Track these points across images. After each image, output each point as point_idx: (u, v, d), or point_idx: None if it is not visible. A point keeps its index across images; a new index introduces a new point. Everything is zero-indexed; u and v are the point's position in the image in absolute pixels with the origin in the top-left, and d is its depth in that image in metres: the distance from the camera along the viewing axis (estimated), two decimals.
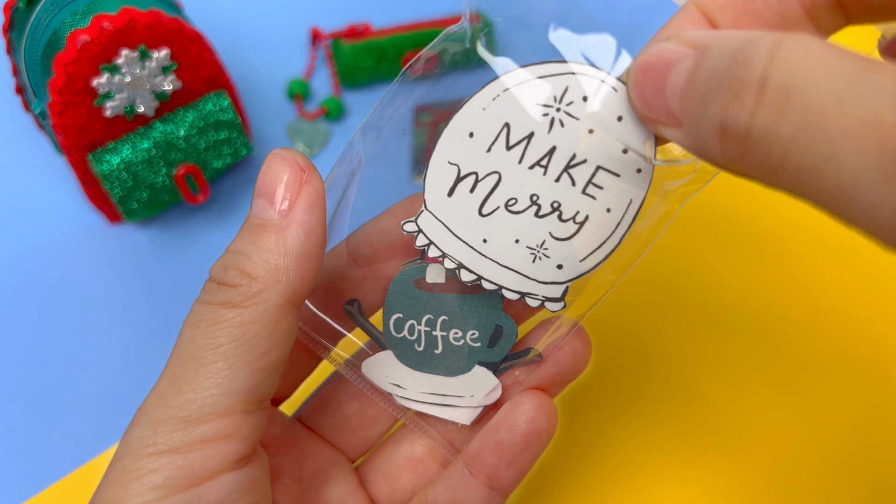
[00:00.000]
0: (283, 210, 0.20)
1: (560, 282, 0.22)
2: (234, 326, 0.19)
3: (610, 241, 0.21)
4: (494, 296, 0.23)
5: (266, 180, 0.20)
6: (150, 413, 0.19)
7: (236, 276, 0.20)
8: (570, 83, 0.20)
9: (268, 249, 0.20)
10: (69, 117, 0.33)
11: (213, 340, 0.19)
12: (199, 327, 0.19)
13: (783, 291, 0.38)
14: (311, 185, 0.20)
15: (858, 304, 0.38)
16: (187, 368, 0.19)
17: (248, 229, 0.20)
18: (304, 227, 0.20)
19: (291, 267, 0.19)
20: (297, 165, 0.20)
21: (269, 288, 0.19)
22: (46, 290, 0.37)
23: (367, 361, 0.24)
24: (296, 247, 0.20)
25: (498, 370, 0.24)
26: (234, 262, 0.20)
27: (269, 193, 0.20)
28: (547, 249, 0.21)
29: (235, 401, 0.19)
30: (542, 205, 0.21)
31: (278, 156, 0.21)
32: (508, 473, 0.23)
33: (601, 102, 0.20)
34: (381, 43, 0.42)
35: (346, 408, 0.26)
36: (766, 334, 0.37)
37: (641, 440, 0.35)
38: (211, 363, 0.19)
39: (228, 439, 0.19)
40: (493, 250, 0.22)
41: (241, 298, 0.19)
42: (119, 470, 0.18)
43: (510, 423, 0.23)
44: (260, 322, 0.19)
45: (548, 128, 0.20)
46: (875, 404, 0.36)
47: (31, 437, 0.34)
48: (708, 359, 0.37)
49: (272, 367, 0.20)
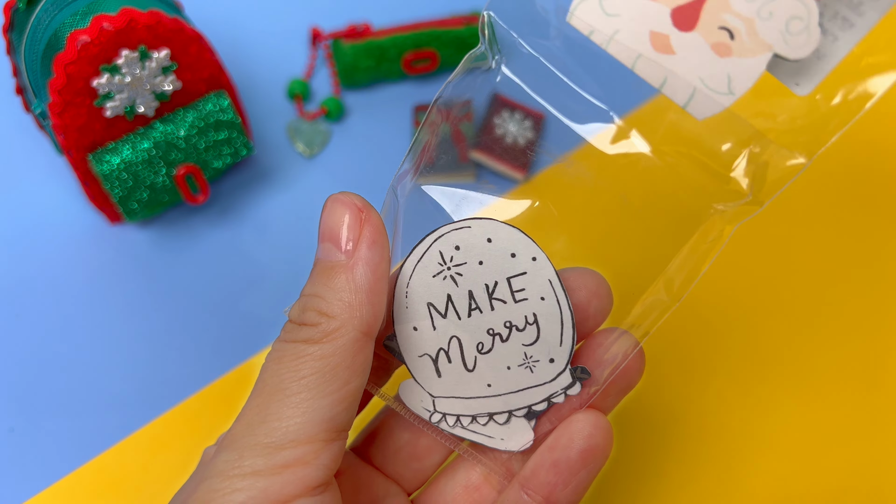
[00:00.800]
0: (349, 251, 0.21)
1: (561, 371, 0.24)
2: (316, 360, 0.20)
3: (564, 314, 0.24)
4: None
5: (329, 224, 0.22)
6: (238, 440, 0.20)
7: (314, 316, 0.21)
8: (444, 243, 0.24)
9: (340, 289, 0.21)
10: (69, 118, 0.33)
11: (297, 373, 0.20)
12: (283, 362, 0.21)
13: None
14: (370, 224, 0.22)
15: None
16: (272, 399, 0.20)
17: (318, 272, 0.22)
18: (369, 264, 0.21)
19: (363, 302, 0.21)
20: (355, 207, 0.22)
21: (346, 324, 0.21)
22: (47, 290, 0.37)
23: (403, 385, 0.25)
24: (364, 283, 0.21)
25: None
26: (311, 304, 0.21)
27: (333, 237, 0.22)
28: (532, 357, 0.24)
29: (317, 429, 0.20)
30: (500, 332, 0.24)
31: (337, 200, 0.22)
32: (565, 493, 0.23)
33: (471, 239, 0.24)
34: (381, 43, 0.42)
35: (398, 438, 0.26)
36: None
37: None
38: (294, 394, 0.20)
39: (308, 465, 0.20)
40: (500, 386, 0.24)
41: (320, 335, 0.21)
42: (206, 489, 0.20)
43: (566, 441, 0.23)
44: (340, 355, 0.21)
45: (453, 284, 0.24)
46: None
47: (31, 437, 0.34)
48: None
49: (351, 398, 0.21)
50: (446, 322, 0.24)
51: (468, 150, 0.39)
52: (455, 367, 0.24)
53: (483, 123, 0.40)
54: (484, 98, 0.41)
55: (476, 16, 0.44)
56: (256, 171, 0.41)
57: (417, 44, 0.43)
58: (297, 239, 0.39)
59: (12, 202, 0.39)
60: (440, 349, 0.24)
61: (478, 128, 0.40)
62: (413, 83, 0.44)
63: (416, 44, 0.43)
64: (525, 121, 0.40)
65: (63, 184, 0.40)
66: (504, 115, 0.40)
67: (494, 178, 0.40)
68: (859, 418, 0.36)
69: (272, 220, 0.40)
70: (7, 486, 0.33)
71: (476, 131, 0.40)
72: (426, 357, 0.24)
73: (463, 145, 0.39)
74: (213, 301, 0.38)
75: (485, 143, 0.39)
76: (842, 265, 0.39)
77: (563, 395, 0.24)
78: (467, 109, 0.41)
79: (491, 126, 0.39)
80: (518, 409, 0.24)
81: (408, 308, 0.24)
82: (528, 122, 0.40)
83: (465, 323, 0.24)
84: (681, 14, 0.22)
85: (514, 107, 0.40)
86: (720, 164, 0.24)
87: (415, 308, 0.24)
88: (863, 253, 0.39)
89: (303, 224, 0.40)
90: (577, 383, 0.24)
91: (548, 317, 0.24)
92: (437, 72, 0.44)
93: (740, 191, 0.24)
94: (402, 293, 0.24)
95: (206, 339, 0.37)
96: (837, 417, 0.36)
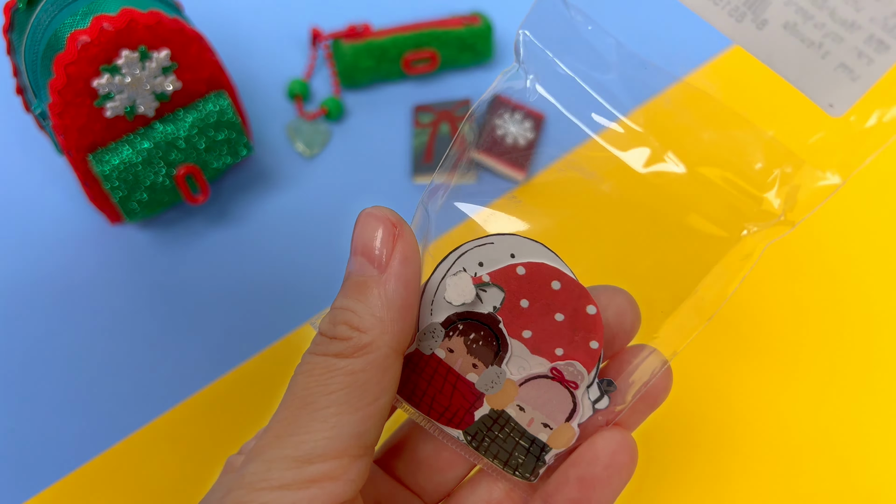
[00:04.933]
0: (382, 266, 0.21)
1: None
2: (346, 374, 0.20)
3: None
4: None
5: (362, 239, 0.22)
6: (266, 452, 0.20)
7: (346, 331, 0.21)
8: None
9: (372, 304, 0.21)
10: (69, 118, 0.33)
11: (326, 387, 0.20)
12: (313, 375, 0.21)
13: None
14: (403, 240, 0.21)
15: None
16: (301, 413, 0.20)
17: (351, 286, 0.22)
18: (402, 279, 0.21)
19: (395, 318, 0.21)
20: (388, 222, 0.22)
21: (378, 339, 0.21)
22: (47, 290, 0.37)
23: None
24: (397, 299, 0.21)
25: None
26: (343, 318, 0.21)
27: (366, 251, 0.21)
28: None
29: (345, 444, 0.20)
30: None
31: (371, 215, 0.22)
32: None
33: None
34: (381, 43, 0.42)
35: (420, 450, 0.26)
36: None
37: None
38: (324, 408, 0.20)
39: (336, 481, 0.20)
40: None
41: (351, 350, 0.21)
42: (232, 500, 0.20)
43: (591, 457, 0.23)
44: (370, 371, 0.20)
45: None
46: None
47: (31, 437, 0.34)
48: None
49: (379, 414, 0.21)
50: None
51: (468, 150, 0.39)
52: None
53: (483, 124, 0.40)
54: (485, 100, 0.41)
55: (476, 16, 0.44)
56: (256, 171, 0.41)
57: (417, 44, 0.43)
58: (297, 239, 0.39)
59: (12, 202, 0.39)
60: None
61: (478, 128, 0.40)
62: (413, 83, 0.44)
63: (416, 44, 0.43)
64: (525, 121, 0.40)
65: (63, 184, 0.40)
66: (504, 115, 0.40)
67: (495, 178, 0.40)
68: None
69: (272, 220, 0.40)
70: (7, 486, 0.33)
71: (476, 131, 0.40)
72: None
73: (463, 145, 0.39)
74: (212, 301, 0.38)
75: (485, 143, 0.39)
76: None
77: (591, 408, 0.23)
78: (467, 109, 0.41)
79: (491, 126, 0.39)
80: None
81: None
82: (528, 122, 0.40)
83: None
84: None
85: (515, 107, 0.40)
86: (753, 185, 0.24)
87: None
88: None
89: (303, 224, 0.40)
90: (605, 396, 0.24)
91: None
92: (437, 72, 0.44)
93: (772, 211, 0.24)
94: (427, 311, 0.23)
95: (206, 339, 0.37)
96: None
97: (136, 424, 0.35)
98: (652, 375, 0.23)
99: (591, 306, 0.23)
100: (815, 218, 0.23)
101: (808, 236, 0.40)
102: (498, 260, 0.23)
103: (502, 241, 0.23)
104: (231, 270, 0.38)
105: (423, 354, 0.24)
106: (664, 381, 0.24)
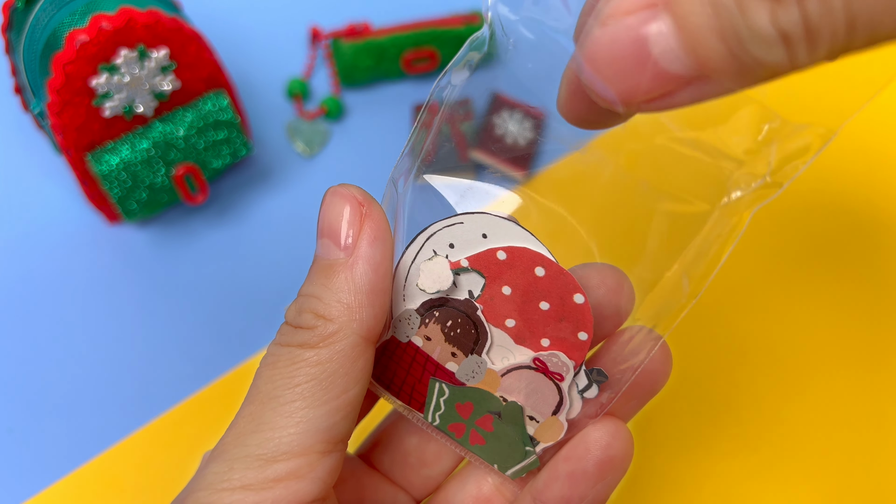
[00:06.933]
0: (349, 247, 0.20)
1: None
2: (312, 366, 0.19)
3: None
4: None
5: (327, 219, 0.20)
6: (228, 451, 0.19)
7: (311, 319, 0.20)
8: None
9: (338, 289, 0.20)
10: (68, 117, 0.33)
11: (292, 380, 0.19)
12: (277, 367, 0.20)
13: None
14: (371, 219, 0.20)
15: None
16: (265, 408, 0.19)
17: (316, 271, 0.20)
18: (370, 262, 0.20)
19: (364, 304, 0.20)
20: (355, 200, 0.20)
21: (345, 327, 0.19)
22: (45, 290, 0.37)
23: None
24: (365, 283, 0.20)
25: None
26: (308, 306, 0.20)
27: (331, 232, 0.20)
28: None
29: (312, 440, 0.19)
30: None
31: (336, 193, 0.20)
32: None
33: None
34: (380, 42, 0.42)
35: (405, 444, 0.25)
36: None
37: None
38: (289, 402, 0.19)
39: (302, 479, 0.19)
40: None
41: (317, 339, 0.19)
42: (193, 502, 0.19)
43: (582, 451, 0.21)
44: (337, 361, 0.19)
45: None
46: None
47: (31, 437, 0.34)
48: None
49: (349, 407, 0.20)
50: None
51: (468, 149, 0.39)
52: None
53: (483, 123, 0.40)
54: (484, 98, 0.41)
55: (476, 15, 0.44)
56: (256, 170, 0.41)
57: (417, 43, 0.42)
58: (296, 239, 0.39)
59: (11, 202, 0.39)
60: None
61: (477, 127, 0.40)
62: (413, 82, 0.44)
63: (415, 43, 0.42)
64: (525, 120, 0.40)
65: (61, 184, 0.40)
66: (504, 114, 0.40)
67: (495, 177, 0.40)
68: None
69: (271, 219, 0.40)
70: (7, 486, 0.33)
71: (476, 131, 0.40)
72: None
73: (463, 145, 0.39)
74: (212, 301, 0.38)
75: (485, 142, 0.39)
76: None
77: (580, 400, 0.22)
78: (467, 109, 0.41)
79: (491, 126, 0.39)
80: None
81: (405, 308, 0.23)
82: (527, 121, 0.40)
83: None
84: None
85: (514, 106, 0.40)
86: (735, 146, 0.23)
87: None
88: (881, 245, 0.39)
89: (302, 224, 0.40)
90: (593, 385, 0.22)
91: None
92: (436, 71, 0.44)
93: (756, 172, 0.22)
94: (400, 296, 0.22)
95: (206, 339, 0.37)
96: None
97: (136, 424, 0.35)
98: (647, 355, 0.22)
99: (579, 295, 0.21)
100: (818, 211, 0.22)
101: (809, 231, 0.40)
102: (469, 241, 0.22)
103: (473, 221, 0.22)
104: (230, 270, 0.38)
105: (399, 342, 0.22)
106: (663, 366, 0.23)
